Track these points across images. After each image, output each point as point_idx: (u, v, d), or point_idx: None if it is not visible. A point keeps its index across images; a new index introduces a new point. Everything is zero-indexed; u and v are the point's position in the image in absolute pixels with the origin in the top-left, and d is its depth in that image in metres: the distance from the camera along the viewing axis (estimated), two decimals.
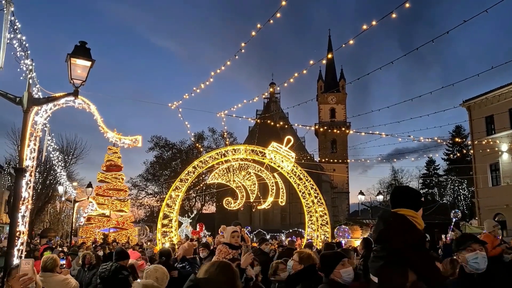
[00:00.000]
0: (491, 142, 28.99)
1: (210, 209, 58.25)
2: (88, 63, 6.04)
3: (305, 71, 12.27)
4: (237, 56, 11.41)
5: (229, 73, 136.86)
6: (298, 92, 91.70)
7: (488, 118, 31.76)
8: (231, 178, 19.36)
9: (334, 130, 49.53)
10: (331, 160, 51.13)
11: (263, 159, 17.94)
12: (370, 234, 15.13)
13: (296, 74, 12.79)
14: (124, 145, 8.34)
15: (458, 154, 41.62)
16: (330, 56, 17.81)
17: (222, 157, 17.56)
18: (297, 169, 17.96)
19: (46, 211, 42.39)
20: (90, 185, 23.26)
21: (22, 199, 6.16)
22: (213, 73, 12.95)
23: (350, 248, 9.58)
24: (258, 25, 10.24)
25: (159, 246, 15.67)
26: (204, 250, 7.78)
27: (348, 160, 54.18)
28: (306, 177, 18.11)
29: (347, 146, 64.39)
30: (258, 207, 24.38)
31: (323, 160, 56.65)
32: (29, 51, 6.35)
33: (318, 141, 71.44)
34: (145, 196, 54.79)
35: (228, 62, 12.06)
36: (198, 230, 25.21)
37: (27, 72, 6.23)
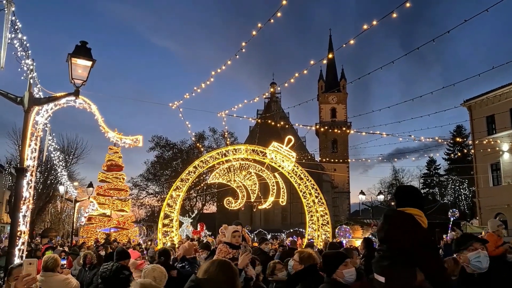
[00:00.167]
0: (492, 142, 28.97)
1: (211, 209, 58.31)
2: (89, 63, 6.04)
3: (305, 71, 12.26)
4: (237, 55, 11.42)
5: (229, 72, 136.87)
6: (298, 91, 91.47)
7: (489, 118, 31.73)
8: (232, 178, 19.36)
9: (335, 130, 49.54)
10: (332, 160, 51.12)
11: (264, 159, 17.94)
12: (371, 234, 15.13)
13: (296, 74, 12.79)
14: (125, 145, 8.35)
15: (459, 154, 41.62)
16: (330, 55, 17.78)
17: (223, 157, 17.57)
18: (297, 169, 17.96)
19: (47, 211, 42.44)
20: (91, 185, 23.30)
21: (23, 199, 6.16)
22: (213, 72, 12.95)
23: (351, 247, 9.59)
24: (259, 24, 10.24)
25: (160, 245, 15.68)
26: (203, 252, 7.47)
27: (348, 159, 54.17)
28: (307, 177, 18.10)
29: (348, 146, 64.44)
30: (259, 207, 24.38)
31: (324, 160, 56.72)
32: (30, 51, 6.36)
33: (318, 141, 71.49)
34: (146, 196, 54.87)
35: (228, 61, 12.05)
36: (199, 230, 25.21)
37: (28, 72, 6.24)
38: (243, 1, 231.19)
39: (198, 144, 46.77)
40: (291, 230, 39.30)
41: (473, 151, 34.18)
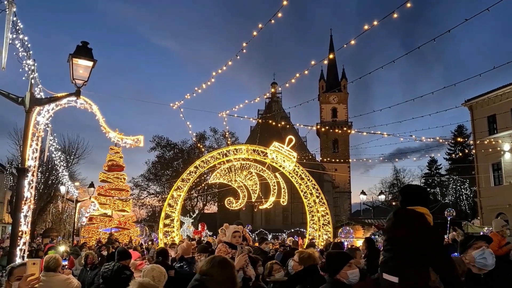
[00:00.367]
0: (493, 142, 28.92)
1: (212, 208, 58.33)
2: (90, 63, 6.05)
3: (306, 71, 12.27)
4: (238, 56, 11.41)
5: (230, 72, 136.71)
6: (299, 91, 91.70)
7: (490, 118, 31.68)
8: (233, 178, 19.38)
9: (336, 130, 49.53)
10: (333, 159, 51.05)
11: (265, 159, 17.94)
12: (373, 234, 15.11)
13: (297, 74, 12.79)
14: (126, 145, 8.36)
15: (460, 154, 41.57)
16: (331, 55, 17.75)
17: (224, 157, 17.57)
18: (298, 168, 17.96)
19: (48, 211, 42.42)
20: (92, 185, 23.32)
21: (24, 199, 6.18)
22: (214, 73, 12.95)
23: (353, 247, 9.58)
24: (260, 25, 10.23)
25: (161, 245, 15.69)
26: (201, 256, 6.75)
27: (349, 159, 53.97)
28: (308, 176, 18.10)
29: (349, 146, 64.38)
30: (260, 207, 24.42)
31: (325, 159, 56.62)
32: (31, 52, 6.37)
33: (319, 140, 71.36)
34: (147, 196, 54.93)
35: (229, 61, 12.05)
36: (200, 230, 25.21)
37: (29, 72, 6.25)
38: (244, 1, 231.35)
39: (199, 144, 46.79)
40: (292, 230, 39.27)
41: (474, 151, 34.15)
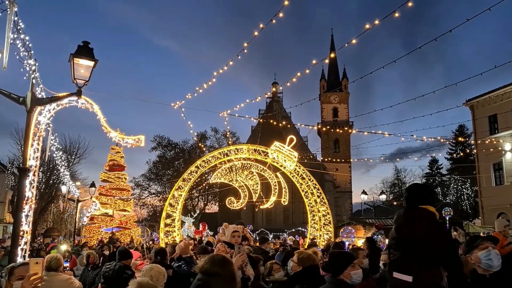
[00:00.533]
0: (495, 142, 28.85)
1: (213, 208, 58.34)
2: (91, 63, 6.05)
3: (307, 71, 12.27)
4: (239, 56, 11.41)
5: (231, 72, 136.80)
6: (300, 91, 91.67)
7: (491, 117, 31.62)
8: (234, 178, 19.38)
9: (337, 130, 49.53)
10: (334, 159, 51.08)
11: (266, 159, 17.93)
12: (374, 234, 15.09)
13: (298, 74, 12.79)
14: (127, 144, 8.36)
15: (461, 154, 41.47)
16: (332, 55, 17.82)
17: (225, 156, 17.56)
18: (299, 168, 17.95)
19: (49, 211, 42.45)
20: (93, 184, 23.34)
21: (26, 199, 6.18)
22: (215, 73, 12.95)
23: (356, 247, 9.56)
24: (261, 25, 10.23)
25: (162, 245, 15.70)
26: (202, 257, 6.67)
27: (351, 159, 53.93)
28: (309, 176, 18.09)
29: (350, 146, 64.25)
30: (261, 207, 24.40)
31: (326, 159, 56.69)
32: (32, 51, 6.38)
33: (320, 140, 71.31)
34: (148, 195, 54.93)
35: (230, 62, 12.05)
36: (201, 229, 25.23)
37: (31, 72, 6.25)
38: (244, 1, 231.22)
39: (200, 144, 46.78)
40: (293, 230, 39.26)
41: (475, 151, 34.07)
